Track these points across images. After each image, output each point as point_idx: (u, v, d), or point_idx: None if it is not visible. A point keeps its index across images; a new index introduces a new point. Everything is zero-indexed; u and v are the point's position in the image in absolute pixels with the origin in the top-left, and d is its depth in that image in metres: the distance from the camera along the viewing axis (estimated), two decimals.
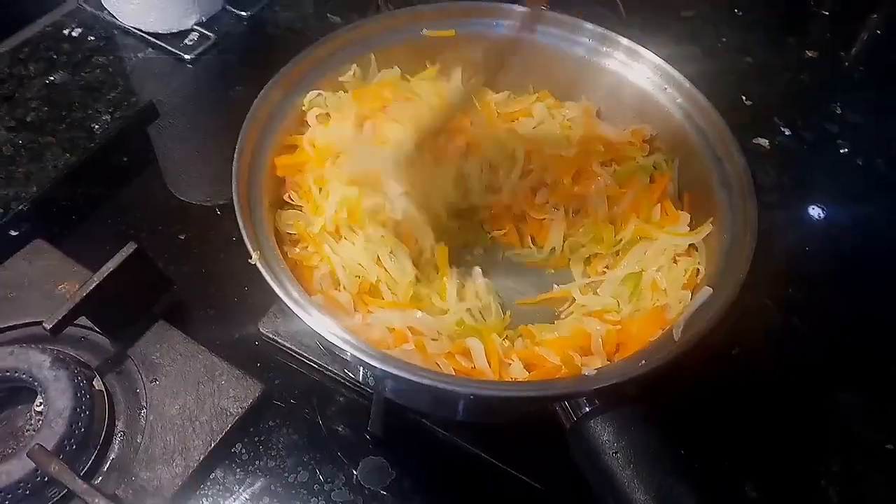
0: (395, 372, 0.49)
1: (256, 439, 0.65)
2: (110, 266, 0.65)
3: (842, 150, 0.95)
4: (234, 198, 0.56)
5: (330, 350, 0.64)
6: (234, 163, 0.59)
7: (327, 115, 0.72)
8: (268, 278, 0.53)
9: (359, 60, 0.74)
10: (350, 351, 0.50)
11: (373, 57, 0.73)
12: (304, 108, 0.72)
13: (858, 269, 0.83)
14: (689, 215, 0.69)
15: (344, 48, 0.74)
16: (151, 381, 0.66)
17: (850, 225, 0.88)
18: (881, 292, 0.81)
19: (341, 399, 0.68)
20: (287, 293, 0.53)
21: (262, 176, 0.65)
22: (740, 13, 1.11)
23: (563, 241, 0.74)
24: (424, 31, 0.75)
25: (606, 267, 0.72)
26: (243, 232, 0.55)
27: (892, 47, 1.10)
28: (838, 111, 1.00)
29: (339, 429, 0.67)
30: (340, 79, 0.73)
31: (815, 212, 0.88)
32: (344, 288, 0.64)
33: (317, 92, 0.72)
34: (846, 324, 0.78)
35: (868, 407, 0.72)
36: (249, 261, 0.55)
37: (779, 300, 0.79)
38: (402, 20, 0.76)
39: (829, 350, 0.76)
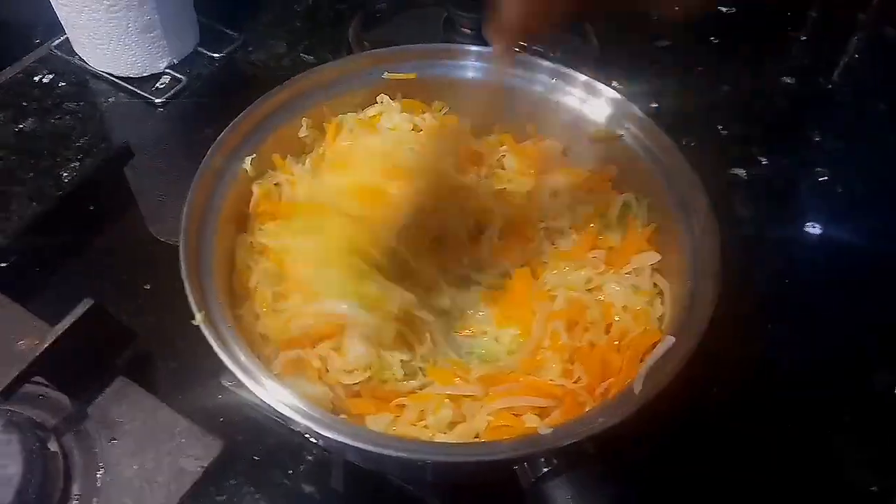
0: (347, 441, 0.47)
1: (218, 499, 0.63)
2: (65, 324, 0.63)
3: (821, 179, 0.93)
4: (182, 266, 0.55)
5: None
6: (181, 227, 0.58)
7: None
8: (212, 342, 0.51)
9: (313, 113, 0.72)
10: (301, 420, 0.48)
11: (325, 109, 0.72)
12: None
13: (841, 301, 0.81)
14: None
15: (306, 92, 0.73)
16: (109, 441, 0.65)
17: (831, 255, 0.86)
18: (863, 324, 0.79)
19: (310, 457, 0.66)
20: (232, 358, 0.51)
21: (216, 224, 0.64)
22: (716, 41, 1.09)
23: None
24: (386, 73, 0.74)
25: None
26: (188, 292, 0.54)
27: (873, 71, 1.09)
28: (817, 138, 0.98)
29: (307, 488, 0.65)
30: (300, 135, 0.72)
31: (793, 243, 0.87)
32: None
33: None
34: (831, 360, 0.76)
35: (856, 448, 0.70)
36: (192, 322, 0.54)
37: (757, 336, 0.77)
38: (365, 63, 0.75)
39: (812, 390, 0.73)
